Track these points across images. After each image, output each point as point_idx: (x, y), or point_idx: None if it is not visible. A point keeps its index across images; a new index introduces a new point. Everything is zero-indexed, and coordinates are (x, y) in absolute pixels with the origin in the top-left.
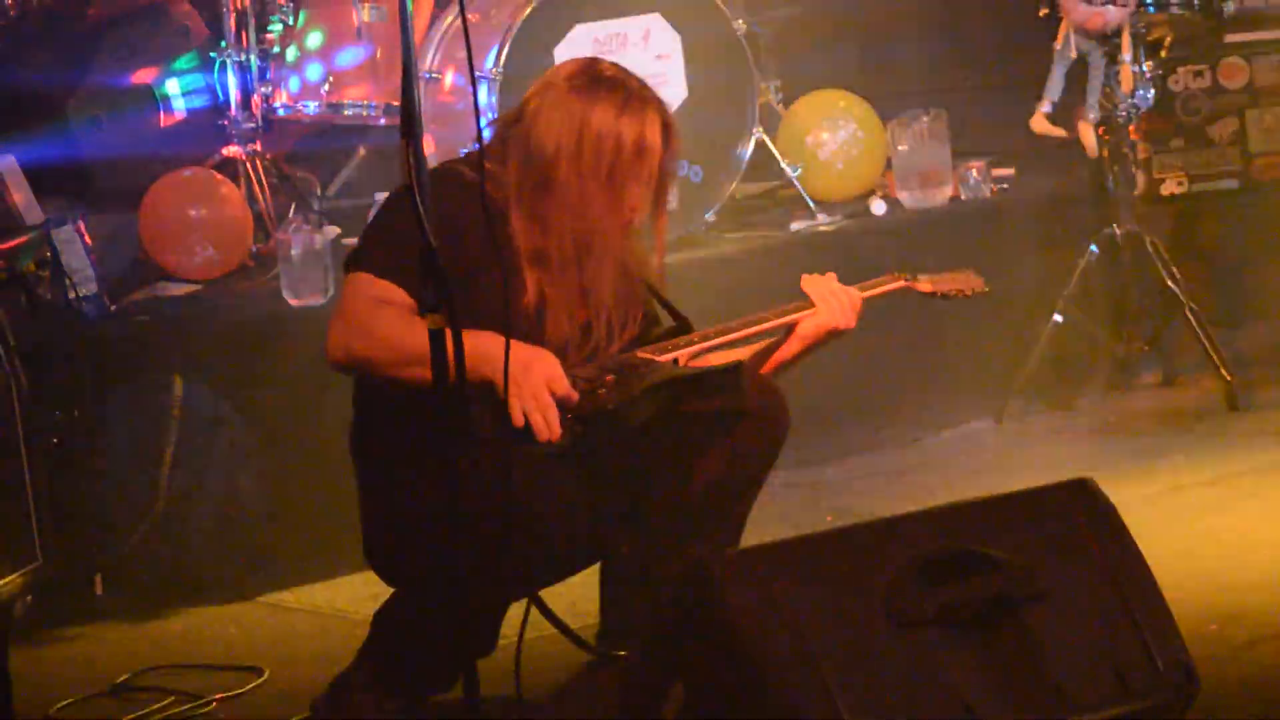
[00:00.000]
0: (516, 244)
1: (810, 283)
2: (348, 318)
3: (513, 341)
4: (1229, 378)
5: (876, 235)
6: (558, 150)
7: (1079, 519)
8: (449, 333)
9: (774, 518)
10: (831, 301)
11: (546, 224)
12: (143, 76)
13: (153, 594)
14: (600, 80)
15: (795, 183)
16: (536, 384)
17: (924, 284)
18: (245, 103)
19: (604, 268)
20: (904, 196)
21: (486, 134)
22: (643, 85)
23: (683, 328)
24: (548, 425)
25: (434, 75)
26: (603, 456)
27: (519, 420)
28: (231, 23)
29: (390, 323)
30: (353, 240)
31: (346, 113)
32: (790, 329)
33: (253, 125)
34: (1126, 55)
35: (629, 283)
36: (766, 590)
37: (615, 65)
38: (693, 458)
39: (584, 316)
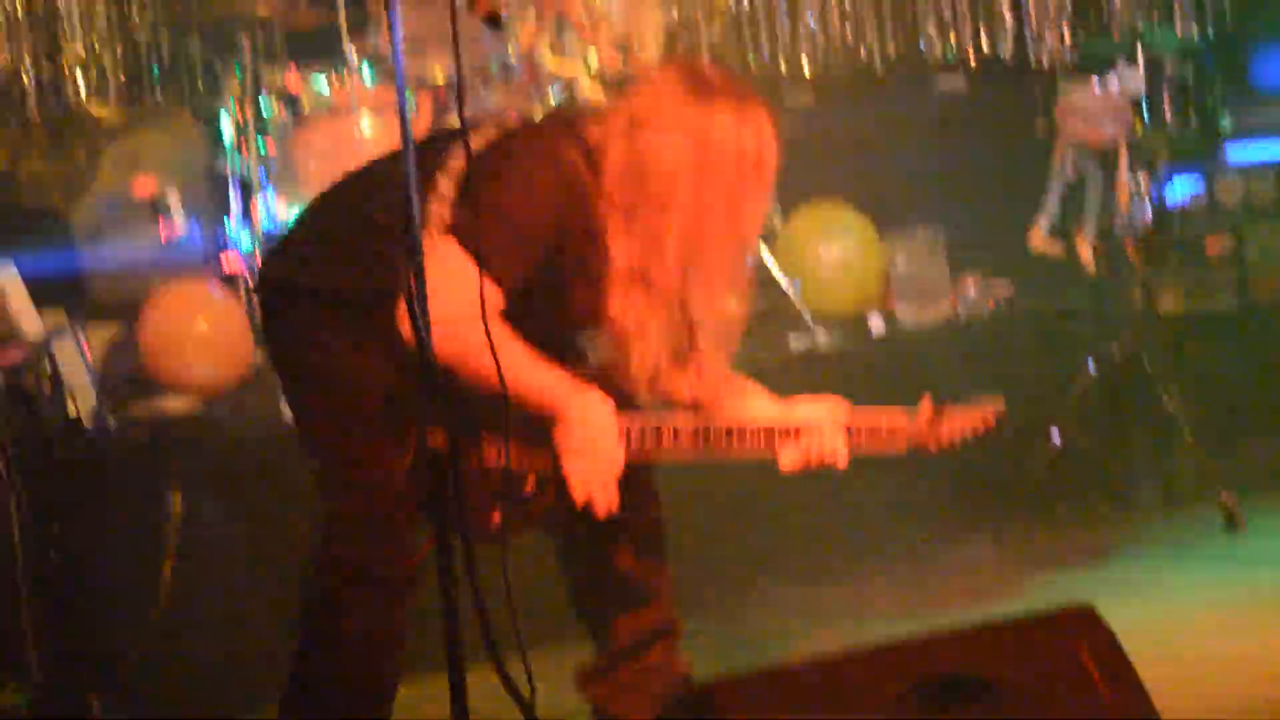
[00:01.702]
0: (612, 259)
1: (804, 411)
2: (442, 315)
3: (581, 397)
4: (1227, 499)
5: (873, 350)
6: (677, 166)
7: (1080, 646)
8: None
9: (775, 635)
10: (811, 444)
11: (658, 244)
12: (143, 188)
13: (151, 714)
14: (712, 88)
15: (793, 297)
16: (603, 466)
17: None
18: (246, 215)
19: (713, 293)
20: (902, 311)
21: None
22: (749, 88)
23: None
24: (607, 505)
25: None
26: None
27: (581, 503)
28: (231, 132)
29: (480, 351)
30: None
31: None
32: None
33: (254, 237)
34: (1124, 173)
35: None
36: (770, 717)
37: (714, 68)
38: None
39: (677, 345)
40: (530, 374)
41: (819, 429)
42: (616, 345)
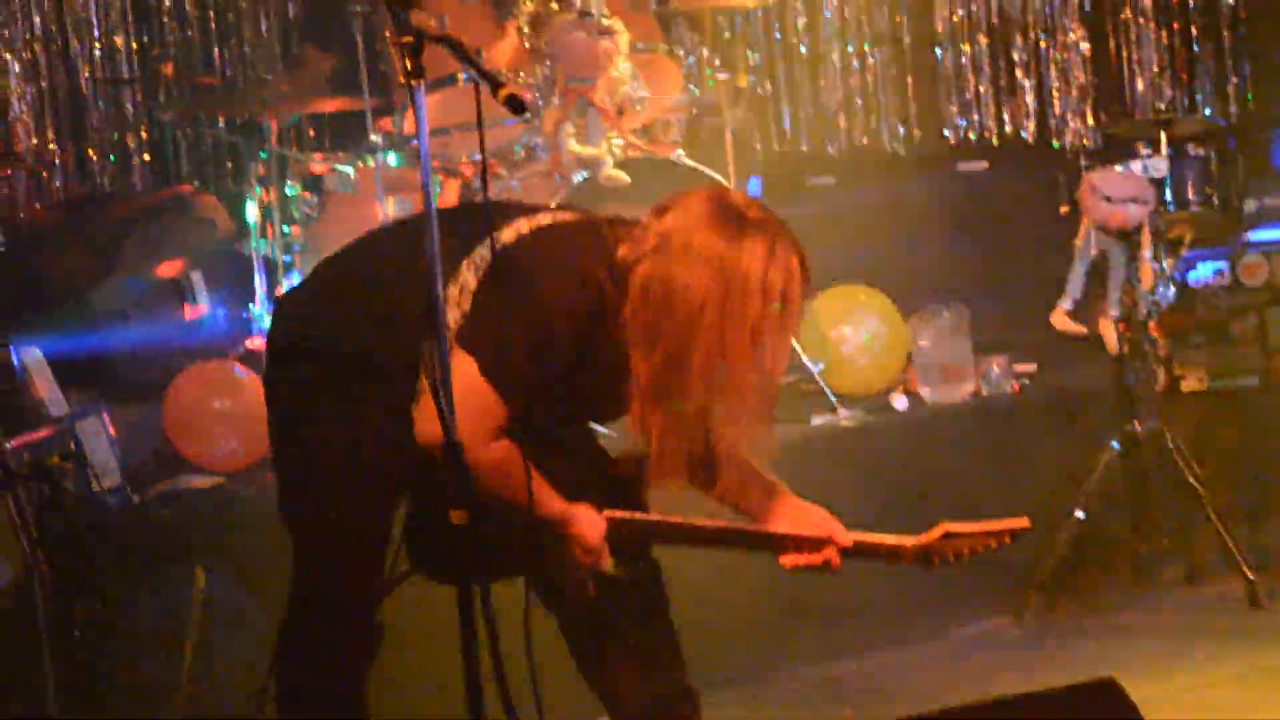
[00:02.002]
0: (634, 375)
1: (813, 522)
2: (459, 420)
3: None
4: (1251, 576)
5: (897, 430)
6: (705, 298)
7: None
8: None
9: (795, 712)
10: (812, 556)
11: (680, 368)
12: (168, 269)
13: None
14: (744, 221)
15: (817, 378)
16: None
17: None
18: (269, 295)
19: (736, 420)
20: (925, 392)
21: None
22: (780, 223)
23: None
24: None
25: None
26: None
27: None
28: (256, 215)
29: (491, 468)
30: None
31: None
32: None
33: None
34: (1147, 252)
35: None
36: None
37: (748, 198)
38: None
39: (691, 461)
40: (532, 493)
41: (821, 543)
42: (635, 446)
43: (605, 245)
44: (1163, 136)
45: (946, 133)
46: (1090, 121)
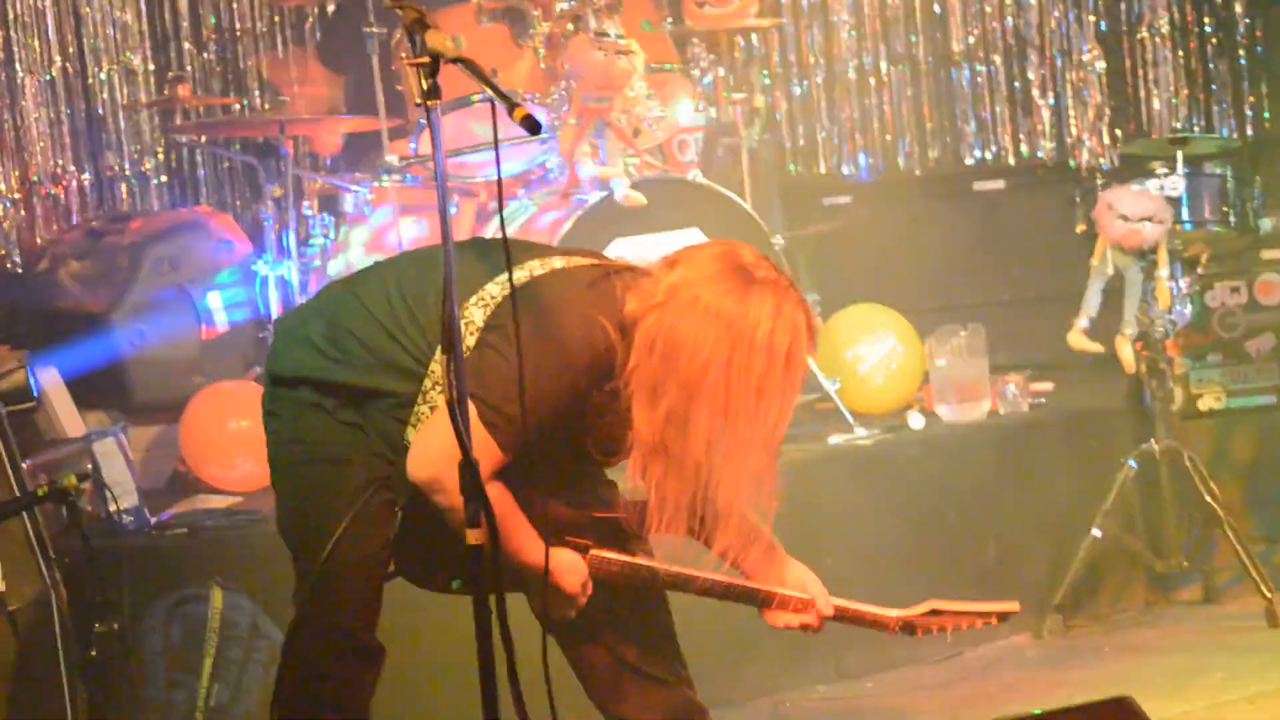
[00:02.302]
0: (635, 428)
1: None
2: (448, 464)
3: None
4: (1269, 594)
5: (914, 449)
6: (710, 355)
7: None
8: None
9: None
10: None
11: (681, 423)
12: (184, 291)
13: None
14: (751, 279)
15: (834, 396)
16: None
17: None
18: None
19: (737, 482)
20: (942, 410)
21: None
22: (788, 281)
23: None
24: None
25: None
26: None
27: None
28: (273, 236)
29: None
30: None
31: None
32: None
33: None
34: (1163, 271)
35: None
36: None
37: (757, 255)
38: None
39: (689, 518)
40: (520, 540)
41: (810, 604)
42: (634, 496)
43: (614, 295)
44: (1179, 155)
45: (962, 152)
46: (1107, 141)
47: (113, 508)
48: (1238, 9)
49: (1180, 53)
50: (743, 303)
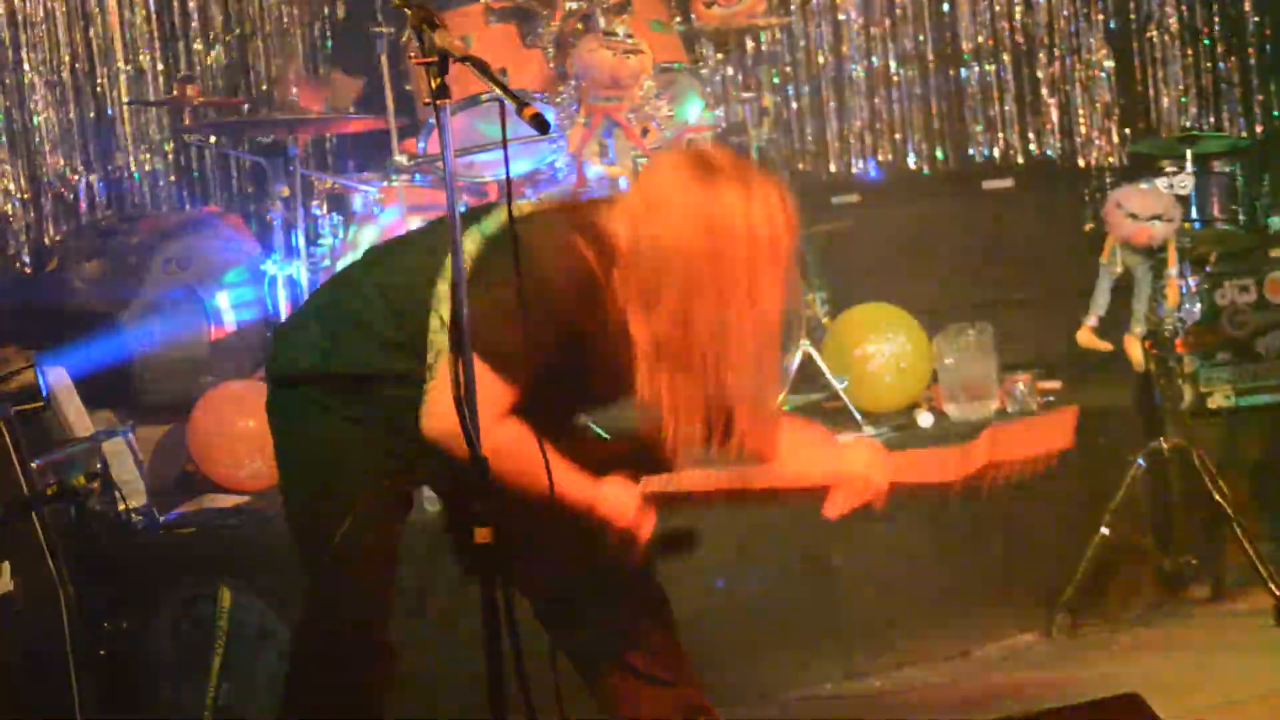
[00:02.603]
0: (636, 342)
1: (850, 456)
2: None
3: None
4: (1278, 592)
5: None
6: (688, 248)
7: None
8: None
9: None
10: (854, 492)
11: (680, 325)
12: (193, 290)
13: None
14: (718, 169)
15: (842, 395)
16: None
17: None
18: None
19: (743, 374)
20: (950, 409)
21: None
22: (755, 165)
23: None
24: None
25: None
26: None
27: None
28: (282, 236)
29: (505, 451)
30: None
31: None
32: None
33: None
34: (1172, 269)
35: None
36: None
37: (718, 148)
38: None
39: (705, 417)
40: (557, 475)
41: (862, 476)
42: (650, 420)
43: (586, 218)
44: (1188, 154)
45: (971, 151)
46: (1115, 139)
47: (121, 507)
48: (1247, 7)
49: (1189, 51)
50: (712, 194)
